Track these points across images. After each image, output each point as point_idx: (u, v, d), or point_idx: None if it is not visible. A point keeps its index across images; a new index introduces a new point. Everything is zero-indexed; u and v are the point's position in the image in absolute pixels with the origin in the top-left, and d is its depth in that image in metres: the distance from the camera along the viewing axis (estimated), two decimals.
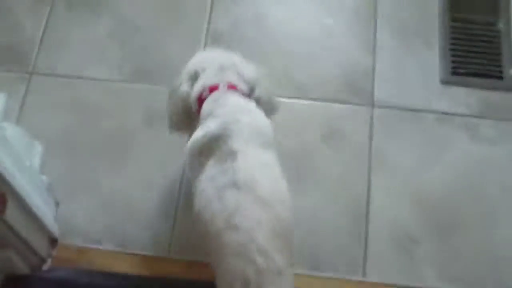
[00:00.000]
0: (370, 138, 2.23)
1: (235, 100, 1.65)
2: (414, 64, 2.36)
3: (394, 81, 2.33)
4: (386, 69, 2.35)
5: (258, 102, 1.70)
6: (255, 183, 1.49)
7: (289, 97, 2.28)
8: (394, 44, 2.39)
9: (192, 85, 1.72)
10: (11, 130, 1.95)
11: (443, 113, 2.28)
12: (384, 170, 2.19)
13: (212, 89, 1.67)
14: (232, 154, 1.52)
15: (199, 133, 1.60)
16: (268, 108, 1.74)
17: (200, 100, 1.67)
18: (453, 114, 2.28)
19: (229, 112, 1.61)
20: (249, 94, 1.72)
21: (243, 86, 1.70)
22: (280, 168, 1.58)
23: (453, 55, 2.37)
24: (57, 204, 2.12)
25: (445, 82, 2.33)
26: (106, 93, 2.30)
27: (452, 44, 2.39)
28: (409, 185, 2.17)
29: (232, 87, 1.67)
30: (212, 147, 1.56)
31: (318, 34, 2.42)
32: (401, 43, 2.39)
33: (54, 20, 2.43)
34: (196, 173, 1.58)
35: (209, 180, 1.52)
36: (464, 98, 2.31)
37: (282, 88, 2.28)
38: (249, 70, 1.74)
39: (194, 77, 1.73)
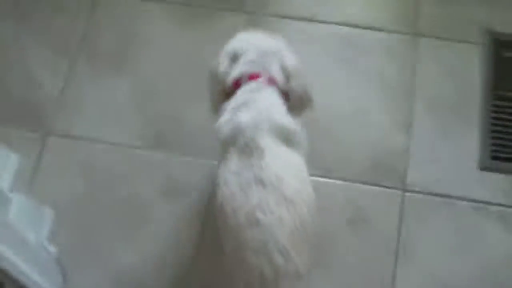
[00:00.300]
0: (399, 225, 2.09)
1: (272, 99, 1.62)
2: (451, 146, 2.21)
3: (429, 164, 2.18)
4: (421, 150, 2.20)
5: (292, 93, 1.67)
6: (281, 181, 1.47)
7: (316, 175, 2.14)
8: (430, 123, 2.24)
9: (231, 66, 1.68)
10: (18, 202, 1.86)
11: (478, 201, 2.12)
12: (412, 261, 2.05)
13: (252, 77, 1.64)
14: (259, 151, 1.51)
15: (227, 119, 1.59)
16: (302, 102, 1.71)
17: (237, 84, 1.65)
18: (489, 203, 2.12)
19: (264, 109, 1.58)
20: (285, 84, 1.67)
21: (281, 77, 1.66)
22: (307, 171, 1.57)
23: (493, 138, 2.21)
24: (64, 275, 2.02)
25: (483, 167, 2.17)
26: (122, 159, 2.19)
27: (494, 125, 2.23)
28: (437, 279, 2.02)
29: (271, 81, 1.64)
30: (239, 139, 1.54)
31: (351, 108, 2.27)
32: (438, 122, 2.24)
33: (73, 77, 2.33)
34: (219, 157, 1.58)
35: (233, 173, 1.51)
36: (503, 185, 2.15)
37: (308, 165, 2.14)
38: (290, 58, 1.70)
39: (234, 58, 1.69)
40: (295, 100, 1.68)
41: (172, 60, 2.36)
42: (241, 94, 1.62)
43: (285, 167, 1.52)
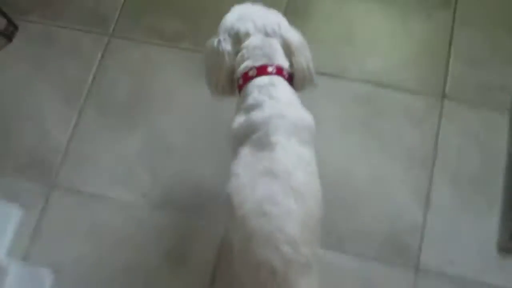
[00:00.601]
0: None
1: (284, 93, 1.62)
2: (469, 223, 2.10)
3: (444, 242, 2.08)
4: (438, 227, 2.10)
5: (295, 70, 1.68)
6: (290, 174, 1.49)
7: (326, 248, 2.05)
8: (449, 196, 2.14)
9: (233, 44, 1.68)
10: (15, 271, 1.83)
11: (494, 286, 2.03)
12: None
13: (260, 70, 1.63)
14: (271, 145, 1.52)
15: (243, 120, 1.59)
16: (305, 77, 1.70)
17: (246, 77, 1.65)
18: None
19: (276, 105, 1.59)
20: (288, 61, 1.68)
21: (286, 63, 1.67)
22: (316, 166, 1.57)
23: None
24: None
25: (503, 250, 2.07)
26: (129, 220, 2.12)
27: None
28: None
29: (279, 70, 1.64)
30: (252, 135, 1.55)
31: (368, 176, 2.17)
32: (458, 196, 2.14)
33: (82, 128, 2.26)
34: (233, 154, 1.59)
35: (245, 166, 1.52)
36: None
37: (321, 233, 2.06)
38: (291, 34, 1.71)
39: (235, 37, 1.69)
40: (298, 76, 1.69)
41: (187, 112, 2.28)
42: (253, 92, 1.62)
43: (295, 161, 1.53)
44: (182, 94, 2.31)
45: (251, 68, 1.64)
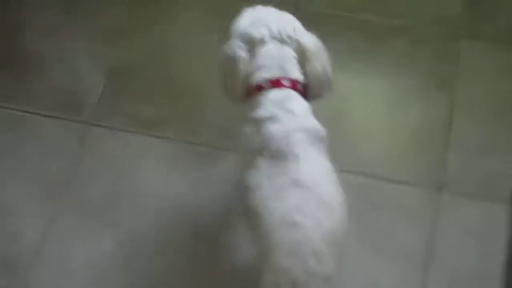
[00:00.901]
0: None
1: (298, 106, 1.63)
2: None
3: None
4: None
5: (311, 77, 1.67)
6: (317, 184, 1.50)
7: None
8: None
9: (248, 51, 1.67)
10: None
11: None
12: None
13: (274, 83, 1.63)
14: (295, 156, 1.52)
15: (254, 131, 1.59)
16: (321, 84, 1.70)
17: (259, 87, 1.64)
18: None
19: (294, 118, 1.59)
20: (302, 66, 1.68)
21: (301, 76, 1.66)
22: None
23: None
24: None
25: None
26: None
27: None
28: None
29: (294, 85, 1.64)
30: (270, 147, 1.55)
31: (358, 279, 2.02)
32: None
33: (55, 226, 2.10)
34: (246, 168, 1.57)
35: (266, 177, 1.51)
36: None
37: None
38: (307, 38, 1.69)
39: (250, 43, 1.67)
40: (313, 83, 1.68)
41: (163, 207, 2.14)
42: (267, 105, 1.61)
43: (321, 172, 1.55)
44: (157, 186, 2.17)
45: (265, 80, 1.64)
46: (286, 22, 1.71)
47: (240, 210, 1.55)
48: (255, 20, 1.70)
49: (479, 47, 2.40)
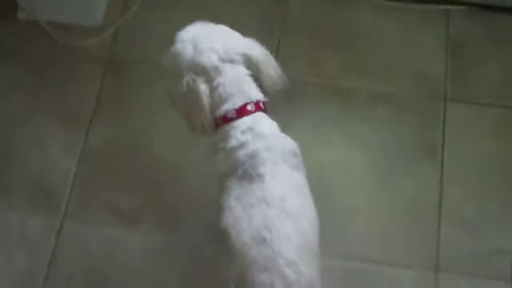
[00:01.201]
0: None
1: (265, 126, 1.64)
2: None
3: None
4: None
5: (267, 81, 1.69)
6: (283, 200, 1.52)
7: None
8: None
9: (205, 81, 1.64)
10: None
11: None
12: None
13: (240, 111, 1.64)
14: (260, 177, 1.54)
15: (225, 158, 1.61)
16: (277, 83, 1.71)
17: (226, 118, 1.65)
18: None
19: (261, 140, 1.60)
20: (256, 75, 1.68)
21: (260, 95, 1.68)
22: (308, 188, 1.61)
23: None
24: None
25: None
26: None
27: None
28: None
29: (258, 106, 1.66)
30: (237, 170, 1.57)
31: None
32: None
33: None
34: (220, 191, 1.60)
35: (235, 199, 1.54)
36: None
37: None
38: (255, 50, 1.69)
39: (204, 73, 1.64)
40: (268, 83, 1.69)
41: None
42: (237, 135, 1.62)
43: (287, 187, 1.56)
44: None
45: (230, 111, 1.64)
46: (229, 39, 1.70)
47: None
48: (195, 45, 1.66)
49: (464, 109, 2.32)
